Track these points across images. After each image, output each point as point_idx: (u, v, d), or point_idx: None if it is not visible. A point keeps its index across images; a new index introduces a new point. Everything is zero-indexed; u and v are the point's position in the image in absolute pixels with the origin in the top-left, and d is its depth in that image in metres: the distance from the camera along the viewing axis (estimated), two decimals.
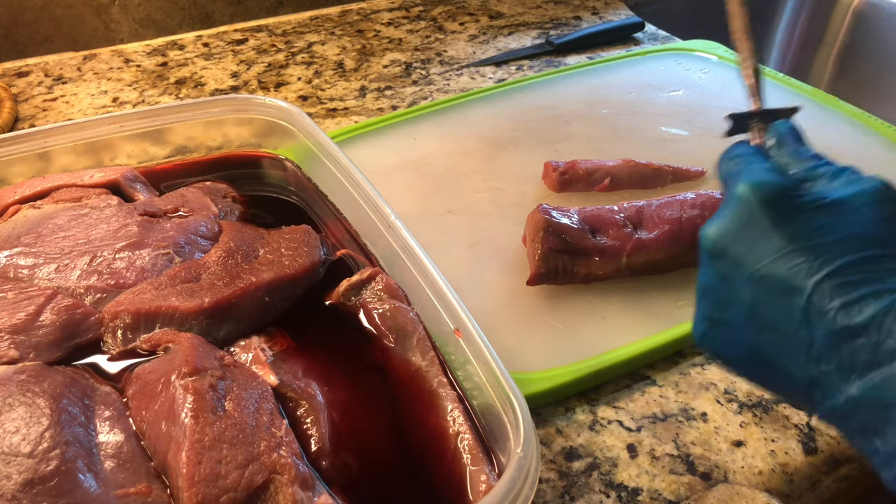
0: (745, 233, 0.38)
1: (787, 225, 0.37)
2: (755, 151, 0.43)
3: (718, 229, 0.39)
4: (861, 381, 0.33)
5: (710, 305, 0.41)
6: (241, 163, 0.67)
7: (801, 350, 0.36)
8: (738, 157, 0.42)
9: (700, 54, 0.96)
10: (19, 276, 0.50)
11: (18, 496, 0.36)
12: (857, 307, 0.34)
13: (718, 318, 0.40)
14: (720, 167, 0.43)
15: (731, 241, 0.38)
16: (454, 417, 0.44)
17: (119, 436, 0.41)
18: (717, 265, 0.39)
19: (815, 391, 0.36)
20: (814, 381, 0.36)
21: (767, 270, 0.37)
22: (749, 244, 0.38)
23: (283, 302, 0.52)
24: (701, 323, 0.42)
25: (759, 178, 0.39)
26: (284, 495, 0.38)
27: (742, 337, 0.39)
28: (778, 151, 0.42)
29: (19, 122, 0.85)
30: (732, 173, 0.41)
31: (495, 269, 0.63)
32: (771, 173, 0.39)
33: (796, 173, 0.41)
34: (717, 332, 0.41)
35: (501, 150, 0.78)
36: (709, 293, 0.41)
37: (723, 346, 0.41)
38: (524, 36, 1.05)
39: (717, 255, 0.39)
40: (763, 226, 0.37)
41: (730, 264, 0.39)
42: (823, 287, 0.35)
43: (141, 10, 1.04)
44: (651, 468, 0.49)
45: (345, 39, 1.04)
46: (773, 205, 0.37)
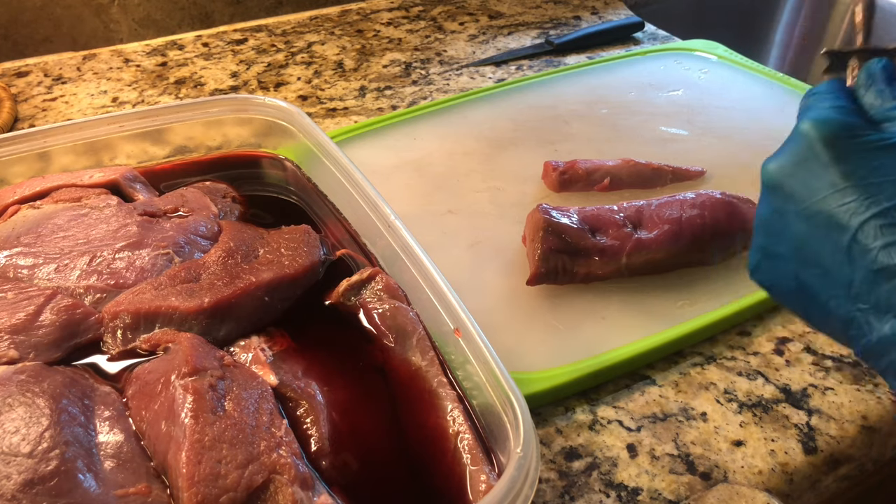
0: (802, 168, 0.38)
1: (843, 163, 0.37)
2: (835, 89, 0.42)
3: (777, 163, 0.40)
4: (895, 321, 0.34)
5: (763, 237, 0.41)
6: (240, 163, 0.67)
7: (841, 287, 0.36)
8: (816, 94, 0.42)
9: (700, 54, 0.96)
10: (19, 276, 0.50)
11: (18, 496, 0.36)
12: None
13: (770, 250, 0.41)
14: (802, 102, 0.43)
15: (787, 174, 0.39)
16: (454, 417, 0.44)
17: (119, 436, 0.41)
18: (772, 198, 0.40)
19: (852, 329, 0.36)
20: (851, 318, 0.36)
21: (818, 206, 0.37)
22: (804, 179, 0.38)
23: (282, 302, 0.52)
24: (755, 254, 0.42)
25: (822, 116, 0.39)
26: (284, 495, 0.38)
27: (790, 270, 0.40)
28: (866, 90, 0.41)
29: (19, 122, 0.84)
30: (803, 108, 0.41)
31: (495, 268, 0.63)
32: (837, 111, 0.39)
33: (877, 113, 0.40)
34: (768, 263, 0.41)
35: (501, 149, 0.78)
36: (763, 225, 0.41)
37: (772, 277, 0.42)
38: (524, 36, 1.05)
39: (774, 188, 0.40)
40: (820, 162, 0.37)
41: (783, 198, 0.39)
42: (869, 226, 0.35)
43: (140, 9, 1.04)
44: (651, 468, 0.49)
45: (344, 39, 1.04)
46: (832, 142, 0.38)
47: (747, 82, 0.90)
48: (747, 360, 0.57)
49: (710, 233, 0.60)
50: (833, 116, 0.39)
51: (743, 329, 0.60)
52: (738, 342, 0.59)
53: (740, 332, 0.59)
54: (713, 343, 0.58)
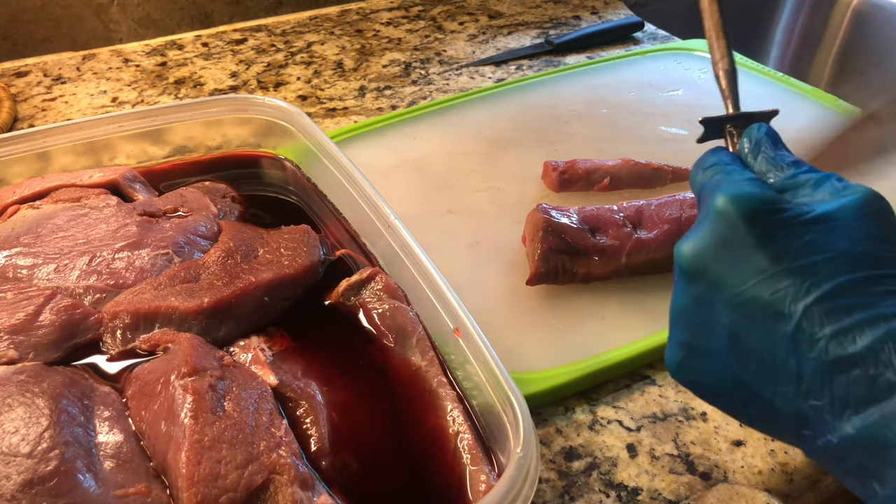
0: (725, 251, 0.35)
1: (771, 243, 0.34)
2: (732, 159, 0.39)
3: (695, 247, 0.36)
4: (857, 417, 0.31)
5: (685, 331, 0.38)
6: (240, 163, 0.67)
7: (788, 382, 0.33)
8: (714, 166, 0.39)
9: (699, 54, 0.96)
10: (18, 277, 0.50)
11: (18, 496, 0.36)
12: (850, 336, 0.31)
13: (695, 345, 0.37)
14: (694, 177, 0.40)
15: (709, 260, 0.35)
16: (454, 417, 0.44)
17: (118, 436, 0.41)
18: (693, 286, 0.36)
19: (805, 428, 0.33)
20: (803, 416, 0.33)
21: (750, 294, 0.34)
22: (729, 264, 0.35)
23: (282, 302, 0.52)
24: (675, 350, 0.38)
25: (739, 190, 0.35)
26: (284, 495, 0.38)
27: (721, 366, 0.36)
28: (754, 158, 0.39)
29: (18, 122, 0.84)
30: (709, 184, 0.38)
31: (495, 268, 0.63)
32: (752, 184, 0.36)
33: (775, 182, 0.38)
34: (694, 360, 0.37)
35: (501, 149, 0.78)
36: (684, 317, 0.37)
37: (700, 376, 0.38)
38: (523, 35, 1.05)
39: (694, 275, 0.36)
40: (745, 244, 0.34)
41: (708, 286, 0.35)
42: (813, 313, 0.32)
43: (140, 9, 1.04)
44: (651, 468, 0.49)
45: (344, 39, 1.04)
46: (755, 220, 0.34)
47: (747, 82, 0.89)
48: None
49: None
50: (749, 191, 0.35)
51: None
52: None
53: None
54: None
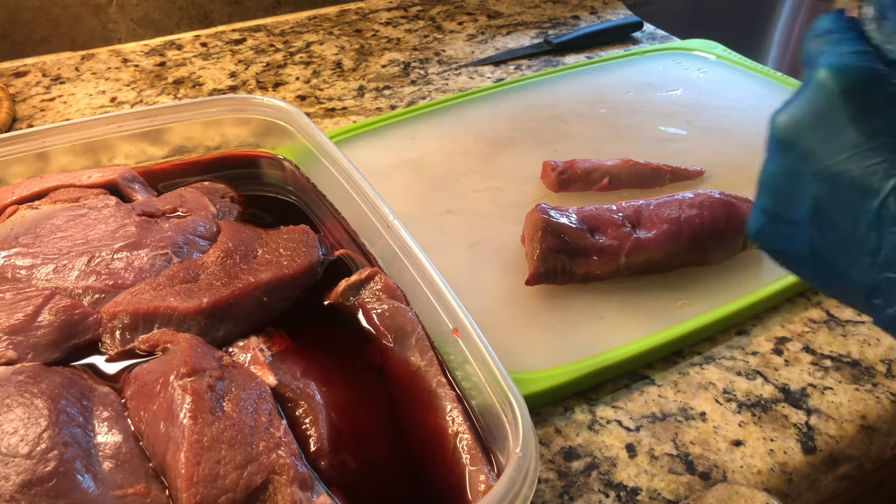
0: (821, 123, 0.34)
1: (869, 118, 0.33)
2: (847, 26, 0.37)
3: (791, 116, 0.35)
4: None
5: (770, 198, 0.38)
6: (239, 163, 0.67)
7: (866, 255, 0.33)
8: (825, 34, 0.37)
9: (699, 53, 0.96)
10: (17, 277, 0.50)
11: (17, 497, 0.36)
12: None
13: (778, 212, 0.37)
14: (803, 44, 0.38)
15: (803, 130, 0.35)
16: (453, 417, 0.44)
17: (117, 436, 0.41)
18: (784, 156, 0.36)
19: (876, 298, 0.34)
20: (876, 287, 0.34)
21: (841, 167, 0.33)
22: (824, 136, 0.34)
23: (281, 302, 0.52)
24: (759, 216, 0.39)
25: (843, 62, 0.34)
26: (283, 496, 0.38)
27: (802, 235, 0.36)
28: (877, 25, 0.37)
29: (17, 122, 0.84)
30: (815, 53, 0.36)
31: (494, 268, 0.63)
32: (859, 56, 0.35)
33: (890, 53, 0.35)
34: (776, 227, 0.38)
35: (500, 149, 0.78)
36: (771, 185, 0.37)
37: (780, 242, 0.38)
38: (522, 35, 1.05)
39: (786, 144, 0.36)
40: (842, 117, 0.34)
41: (799, 156, 0.35)
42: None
43: (139, 9, 1.04)
44: (650, 468, 0.49)
45: (343, 39, 1.04)
46: (856, 94, 0.34)
47: (746, 82, 0.90)
48: (746, 360, 0.57)
49: (708, 232, 0.60)
50: (854, 63, 0.34)
51: (742, 329, 0.60)
52: (737, 342, 0.59)
53: (739, 332, 0.59)
54: (712, 343, 0.59)
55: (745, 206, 0.62)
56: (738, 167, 0.75)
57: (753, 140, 0.79)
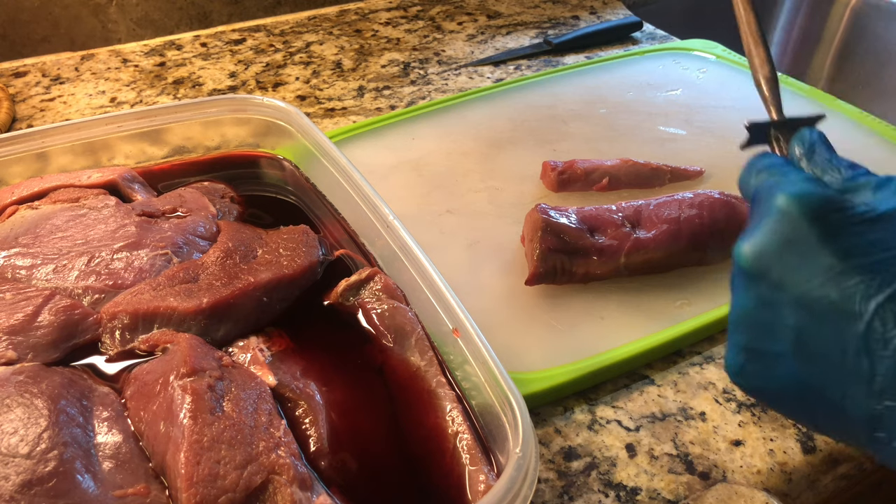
0: (790, 251, 0.34)
1: (837, 240, 0.33)
2: (785, 162, 0.39)
3: (757, 247, 0.35)
4: None
5: (747, 335, 0.36)
6: (239, 163, 0.67)
7: (860, 383, 0.32)
8: (770, 168, 0.38)
9: (698, 53, 0.96)
10: (17, 277, 0.50)
11: (17, 497, 0.36)
12: None
13: (758, 348, 0.36)
14: (745, 180, 0.39)
15: (772, 260, 0.35)
16: (453, 417, 0.44)
17: (117, 436, 0.41)
18: (755, 288, 0.35)
19: (878, 430, 0.32)
20: (877, 418, 0.32)
21: (817, 293, 0.33)
22: (795, 263, 0.34)
23: (281, 302, 0.52)
24: (736, 355, 0.37)
25: (800, 190, 0.35)
26: (283, 496, 0.38)
27: (787, 370, 0.35)
28: (809, 161, 0.39)
29: (17, 122, 0.84)
30: (766, 186, 0.37)
31: (494, 268, 0.63)
32: (813, 184, 0.35)
33: (833, 184, 0.37)
34: (757, 365, 0.36)
35: (500, 149, 0.78)
36: (746, 321, 0.36)
37: (764, 380, 0.37)
38: (522, 35, 1.05)
39: (757, 276, 0.35)
40: (810, 242, 0.33)
41: (772, 287, 0.35)
42: (885, 310, 0.31)
43: (139, 9, 1.04)
44: (650, 468, 0.49)
45: (343, 39, 1.04)
46: (820, 218, 0.34)
47: (746, 82, 0.90)
48: None
49: (708, 232, 0.60)
50: (811, 189, 0.35)
51: None
52: None
53: None
54: (712, 343, 0.59)
55: (745, 206, 0.62)
56: (738, 167, 0.74)
57: None
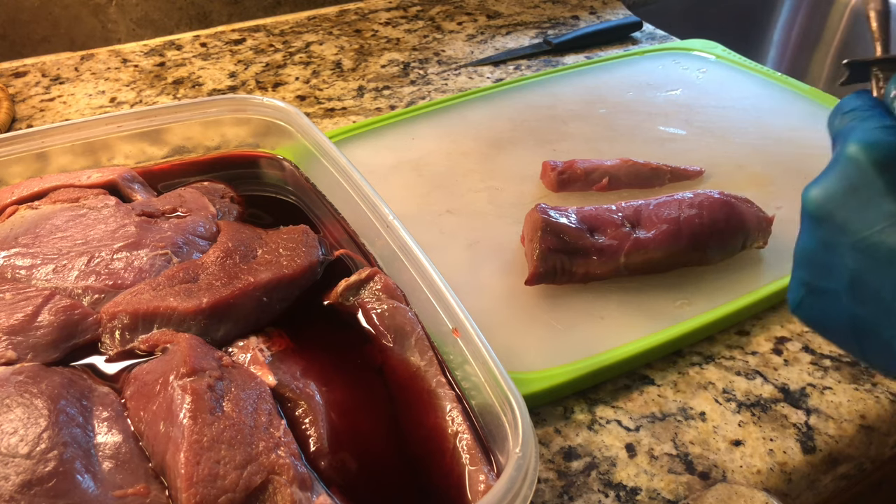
0: (854, 196, 0.35)
1: None
2: (873, 104, 0.39)
3: (824, 191, 0.36)
4: None
5: (808, 272, 0.38)
6: (238, 163, 0.67)
7: None
8: (852, 111, 0.38)
9: (698, 53, 0.96)
10: (17, 277, 0.50)
11: (16, 497, 0.36)
12: None
13: (817, 285, 0.38)
14: (832, 121, 0.40)
15: (837, 204, 0.36)
16: (453, 417, 0.44)
17: (117, 436, 0.41)
18: (819, 230, 0.37)
19: None
20: None
21: (876, 239, 0.34)
22: (857, 209, 0.35)
23: (281, 302, 0.52)
24: (797, 289, 0.39)
25: (873, 138, 0.35)
26: (283, 496, 0.38)
27: (842, 307, 0.37)
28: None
29: (17, 122, 0.84)
30: (844, 129, 0.38)
31: (493, 268, 0.63)
32: (887, 132, 0.36)
33: None
34: (815, 300, 0.38)
35: (499, 149, 0.78)
36: (808, 259, 0.38)
37: (820, 315, 0.39)
38: (522, 35, 1.05)
39: (821, 219, 0.37)
40: (875, 190, 0.34)
41: (833, 230, 0.36)
42: None
43: (138, 9, 1.04)
44: (649, 468, 0.49)
45: (342, 39, 1.04)
46: (888, 167, 0.34)
47: (745, 82, 0.90)
48: (746, 360, 0.57)
49: (708, 232, 0.60)
50: (884, 139, 0.35)
51: (741, 329, 0.60)
52: (737, 342, 0.59)
53: (739, 332, 0.59)
54: (712, 343, 0.59)
55: (745, 206, 0.63)
56: (738, 167, 0.75)
57: (753, 140, 0.79)
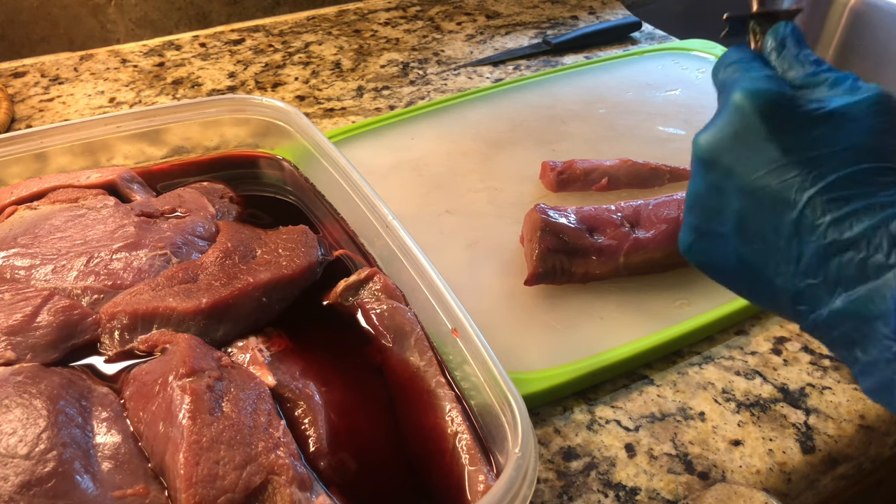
0: (740, 142, 0.37)
1: (783, 136, 0.36)
2: (754, 57, 0.41)
3: (711, 138, 0.38)
4: (846, 294, 0.34)
5: (698, 215, 0.40)
6: (238, 163, 0.67)
7: (789, 263, 0.36)
8: (735, 63, 0.40)
9: (697, 53, 0.96)
10: (16, 277, 0.50)
11: (16, 497, 0.36)
12: (847, 222, 0.34)
13: (706, 228, 0.40)
14: (716, 73, 0.42)
15: (723, 150, 0.38)
16: (452, 417, 0.44)
17: (116, 437, 0.41)
18: (708, 174, 0.39)
19: (801, 304, 0.36)
20: (799, 293, 0.36)
21: (760, 182, 0.36)
22: (742, 154, 0.37)
23: (280, 302, 0.52)
24: (688, 233, 0.41)
25: (756, 86, 0.37)
26: (282, 496, 0.38)
27: (729, 248, 0.39)
28: (778, 55, 0.41)
29: (16, 122, 0.84)
30: (728, 80, 0.40)
31: (493, 268, 0.63)
32: (769, 81, 0.38)
33: (796, 79, 0.39)
34: (705, 242, 0.40)
35: (499, 149, 0.78)
36: (698, 203, 0.40)
37: (710, 256, 0.41)
38: (521, 35, 1.05)
39: (709, 164, 0.38)
40: (759, 136, 0.36)
41: (721, 174, 0.38)
42: (815, 201, 0.35)
43: (137, 10, 1.04)
44: (649, 468, 0.49)
45: (342, 39, 1.04)
46: (770, 114, 0.36)
47: None
48: (745, 360, 0.57)
49: None
50: (766, 87, 0.37)
51: (741, 329, 0.60)
52: (736, 342, 0.59)
53: (738, 332, 0.59)
54: (711, 343, 0.59)
55: None
56: None
57: None
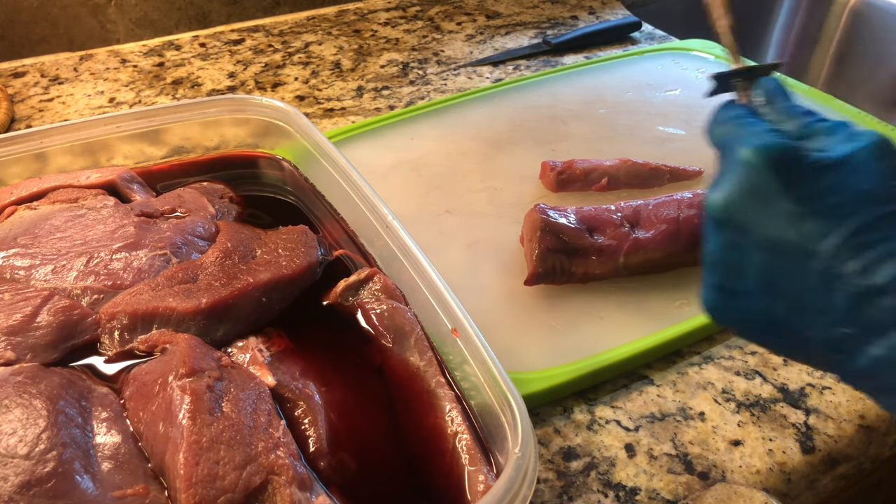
0: (753, 198, 0.37)
1: (795, 188, 0.36)
2: (748, 112, 0.41)
3: (725, 196, 0.38)
4: (885, 340, 0.33)
5: (719, 275, 0.40)
6: (238, 163, 0.67)
7: (820, 314, 0.35)
8: (733, 120, 0.41)
9: (697, 53, 0.96)
10: (16, 278, 0.50)
11: (16, 498, 0.36)
12: (875, 268, 0.34)
13: (730, 287, 0.39)
14: (712, 131, 0.42)
15: (738, 207, 0.38)
16: (452, 417, 0.44)
17: (116, 437, 0.41)
18: (724, 233, 0.39)
19: (837, 353, 0.35)
20: (834, 343, 0.35)
21: (779, 235, 0.36)
22: (758, 210, 0.37)
23: (280, 302, 0.52)
24: (711, 293, 0.41)
25: (763, 141, 0.37)
26: (282, 496, 0.38)
27: (756, 304, 0.38)
28: (769, 109, 0.42)
29: (16, 122, 0.84)
30: (730, 137, 0.40)
31: (493, 268, 0.63)
32: (773, 135, 0.38)
33: (791, 131, 0.40)
34: (729, 301, 0.40)
35: (499, 149, 0.78)
36: (718, 262, 0.40)
37: (736, 314, 0.40)
38: (521, 35, 1.05)
39: (725, 222, 0.38)
40: (772, 190, 0.36)
41: (738, 231, 0.38)
42: (840, 250, 0.34)
43: (137, 10, 1.04)
44: (649, 468, 0.49)
45: (342, 39, 1.04)
46: (780, 167, 0.36)
47: None
48: (745, 360, 0.57)
49: None
50: (772, 141, 0.37)
51: None
52: (736, 342, 0.59)
53: None
54: (711, 343, 0.59)
55: None
56: None
57: None
